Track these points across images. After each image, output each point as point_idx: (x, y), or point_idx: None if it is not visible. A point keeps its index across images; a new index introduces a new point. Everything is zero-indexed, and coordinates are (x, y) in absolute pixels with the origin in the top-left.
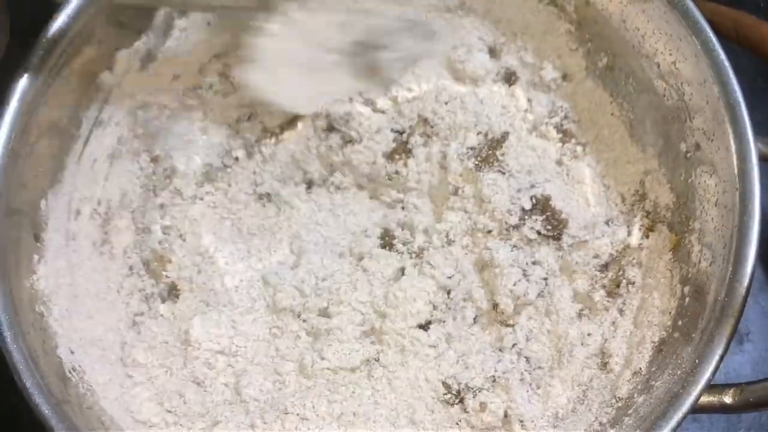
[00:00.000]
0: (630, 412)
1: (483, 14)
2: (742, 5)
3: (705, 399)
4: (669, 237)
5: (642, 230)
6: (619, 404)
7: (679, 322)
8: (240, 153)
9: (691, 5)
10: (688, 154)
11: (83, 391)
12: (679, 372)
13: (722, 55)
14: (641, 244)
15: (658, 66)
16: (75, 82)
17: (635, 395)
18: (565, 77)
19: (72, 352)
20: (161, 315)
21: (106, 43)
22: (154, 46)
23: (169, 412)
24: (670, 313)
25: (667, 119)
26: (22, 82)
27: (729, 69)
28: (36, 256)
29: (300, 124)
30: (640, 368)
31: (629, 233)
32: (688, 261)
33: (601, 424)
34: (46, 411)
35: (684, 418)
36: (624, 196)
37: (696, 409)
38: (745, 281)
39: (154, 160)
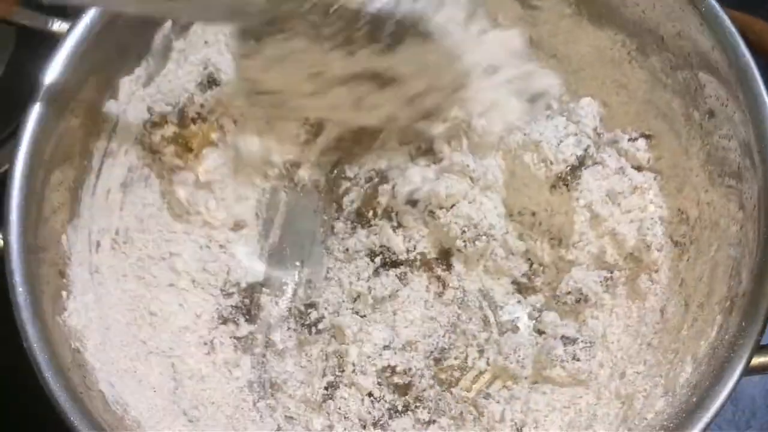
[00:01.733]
0: (682, 381)
1: None
2: (752, 10)
3: (756, 360)
4: None
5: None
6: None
7: None
8: None
9: None
10: (702, 123)
11: (129, 423)
12: (727, 337)
13: (727, 21)
14: None
15: (662, 39)
16: (82, 114)
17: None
18: None
19: (112, 385)
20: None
21: (107, 71)
22: (154, 70)
23: None
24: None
25: (675, 90)
26: (32, 118)
27: (736, 34)
28: (64, 293)
29: None
30: None
31: None
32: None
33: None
34: None
35: (738, 382)
36: None
37: (750, 371)
38: None
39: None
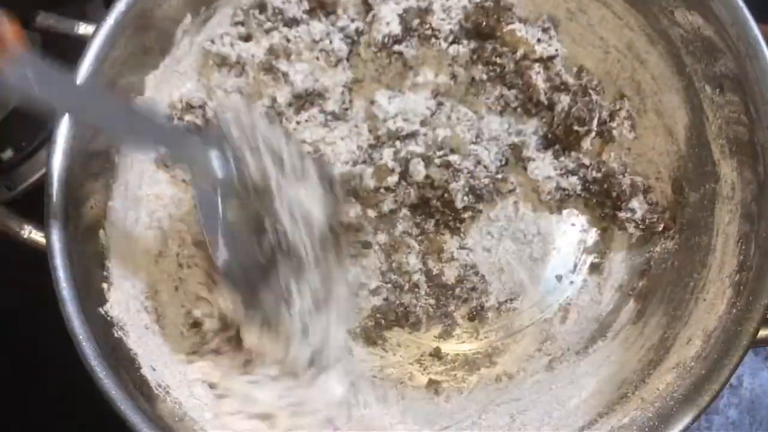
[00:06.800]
0: (692, 354)
1: None
2: None
3: (764, 333)
4: None
5: None
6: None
7: None
8: None
9: None
10: (714, 97)
11: (172, 405)
12: (734, 310)
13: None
14: None
15: (672, 13)
16: None
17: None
18: None
19: (154, 369)
20: None
21: (137, 71)
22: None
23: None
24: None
25: (687, 65)
26: (65, 119)
27: (744, 10)
28: (105, 285)
29: None
30: None
31: None
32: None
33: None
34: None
35: (745, 353)
36: None
37: (756, 342)
38: None
39: None
